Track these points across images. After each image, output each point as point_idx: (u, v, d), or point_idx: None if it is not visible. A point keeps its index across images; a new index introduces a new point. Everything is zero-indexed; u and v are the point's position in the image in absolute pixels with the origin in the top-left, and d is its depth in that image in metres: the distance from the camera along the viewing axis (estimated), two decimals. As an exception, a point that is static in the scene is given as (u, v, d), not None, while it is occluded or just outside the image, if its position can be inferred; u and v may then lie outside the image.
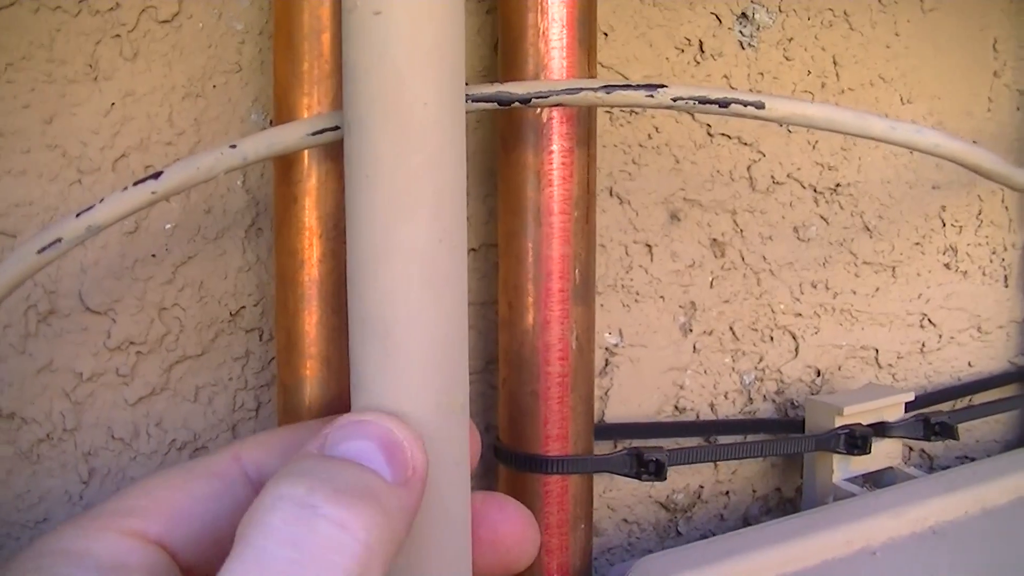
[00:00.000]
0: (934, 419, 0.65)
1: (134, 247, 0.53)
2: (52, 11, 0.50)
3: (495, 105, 0.47)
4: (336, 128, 0.45)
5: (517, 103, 0.47)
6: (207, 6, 0.53)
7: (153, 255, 0.53)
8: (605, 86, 0.47)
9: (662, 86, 0.48)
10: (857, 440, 0.63)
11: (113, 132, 0.52)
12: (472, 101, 0.46)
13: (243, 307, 0.55)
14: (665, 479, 0.56)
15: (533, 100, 0.47)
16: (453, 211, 0.39)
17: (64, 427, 0.53)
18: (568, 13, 0.52)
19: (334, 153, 0.48)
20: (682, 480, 0.67)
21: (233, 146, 0.44)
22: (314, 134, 0.45)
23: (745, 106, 0.48)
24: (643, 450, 0.56)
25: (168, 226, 0.53)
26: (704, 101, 0.48)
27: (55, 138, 0.51)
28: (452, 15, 0.39)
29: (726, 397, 0.68)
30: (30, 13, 0.50)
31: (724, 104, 0.48)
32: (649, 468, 0.56)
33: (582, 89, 0.47)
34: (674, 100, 0.48)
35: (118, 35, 0.52)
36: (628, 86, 0.47)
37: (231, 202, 0.54)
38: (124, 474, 0.55)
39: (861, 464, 0.65)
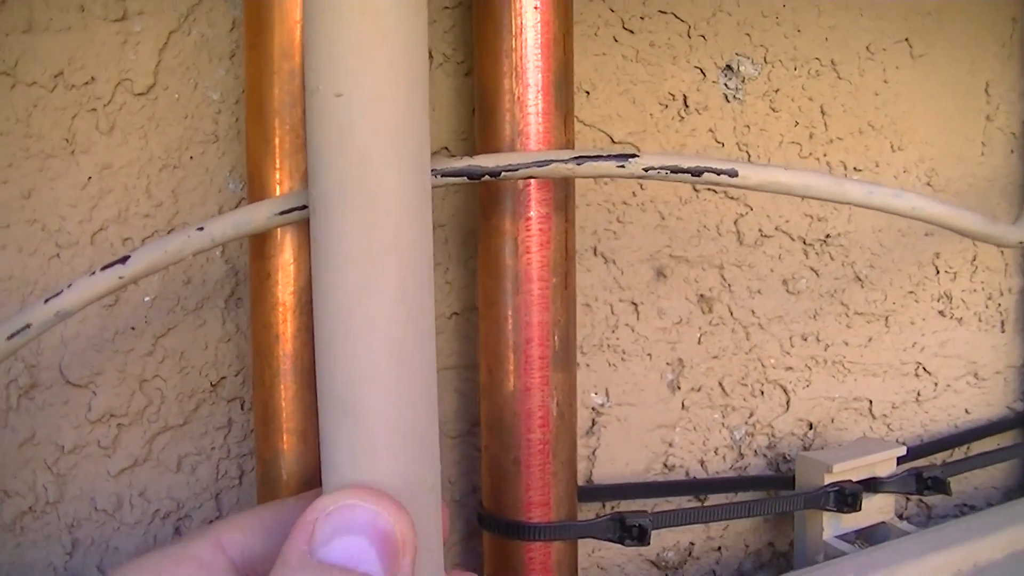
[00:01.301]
0: (926, 473, 0.64)
1: (114, 320, 0.53)
2: (28, 87, 0.51)
3: (464, 179, 0.47)
4: (304, 207, 0.45)
5: (487, 176, 0.47)
6: (183, 77, 0.53)
7: (133, 327, 0.53)
8: (576, 157, 0.47)
9: (634, 156, 0.47)
10: (847, 497, 0.62)
11: (91, 205, 0.52)
12: (441, 176, 0.46)
13: (224, 377, 0.55)
14: (649, 544, 0.56)
15: (503, 173, 0.47)
16: (419, 289, 0.39)
17: (47, 499, 0.53)
18: (544, 78, 0.52)
19: (307, 228, 0.48)
20: (672, 537, 0.66)
21: (200, 228, 0.44)
22: (281, 213, 0.45)
23: (719, 174, 0.48)
24: (626, 515, 0.56)
25: (147, 298, 0.54)
26: (676, 170, 0.48)
27: (34, 212, 0.51)
28: (415, 95, 0.39)
29: (716, 453, 0.67)
30: (6, 89, 0.50)
31: (697, 173, 0.48)
32: (632, 533, 0.56)
33: (552, 161, 0.47)
34: (646, 170, 0.48)
35: (94, 108, 0.52)
36: (599, 156, 0.47)
37: (210, 272, 0.54)
38: (108, 544, 0.55)
39: (853, 520, 0.65)
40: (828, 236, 0.68)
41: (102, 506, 0.54)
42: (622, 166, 0.47)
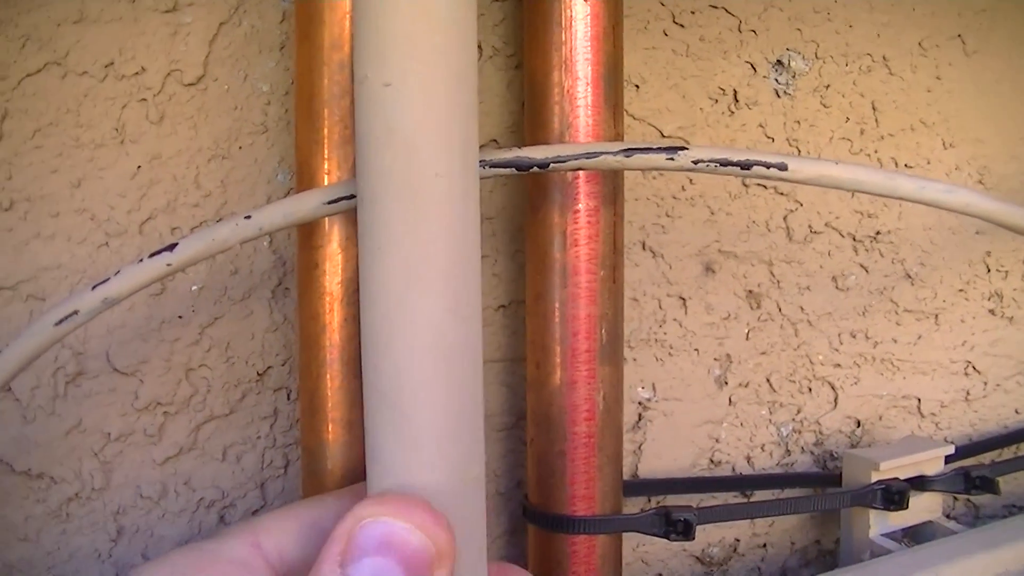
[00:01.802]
0: (974, 472, 0.64)
1: (160, 309, 0.53)
2: (79, 76, 0.51)
3: (513, 171, 0.46)
4: (352, 197, 0.45)
5: (535, 168, 0.46)
6: (232, 68, 0.53)
7: (180, 316, 0.54)
8: (625, 150, 0.47)
9: (683, 148, 0.47)
10: (894, 495, 0.61)
11: (140, 195, 0.52)
12: (489, 167, 0.46)
13: (270, 367, 0.56)
14: (694, 539, 0.55)
15: (552, 165, 0.46)
16: (466, 282, 0.39)
17: (93, 486, 0.54)
18: (593, 71, 0.51)
19: (354, 218, 0.48)
20: (718, 533, 0.66)
21: (248, 216, 0.44)
22: (330, 203, 0.45)
23: (768, 168, 0.47)
24: (671, 509, 0.56)
25: (194, 288, 0.54)
26: (726, 163, 0.47)
27: (83, 202, 0.52)
28: (464, 84, 0.39)
29: (763, 449, 0.67)
30: (57, 79, 0.50)
31: (746, 166, 0.47)
32: (677, 528, 0.55)
33: (601, 153, 0.47)
34: (695, 163, 0.47)
35: (144, 99, 0.52)
36: (648, 149, 0.47)
37: (258, 263, 0.55)
38: (153, 532, 0.55)
39: (900, 519, 0.64)
40: (878, 233, 0.67)
41: (147, 494, 0.54)
42: (671, 159, 0.47)
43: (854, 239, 0.67)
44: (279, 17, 0.54)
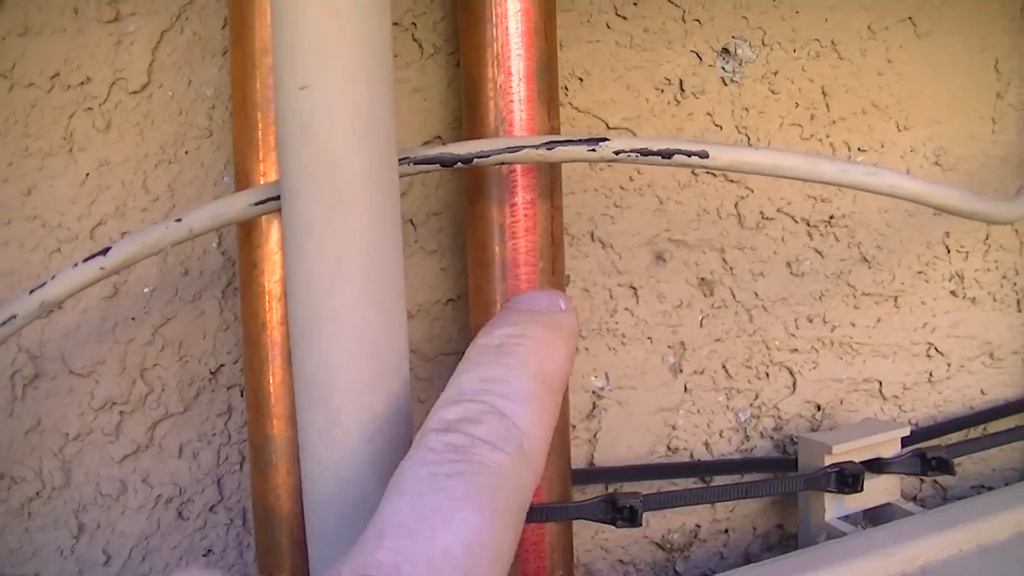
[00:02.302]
0: (931, 454, 0.64)
1: (114, 311, 0.55)
2: (26, 88, 0.52)
3: (437, 167, 0.48)
4: (278, 198, 0.46)
5: (459, 164, 0.48)
6: (177, 74, 0.55)
7: (133, 318, 0.55)
8: (547, 143, 0.48)
9: (604, 140, 0.48)
10: (848, 478, 0.62)
11: (90, 201, 0.54)
12: (413, 164, 0.47)
13: (223, 365, 0.57)
14: (640, 524, 0.56)
15: (475, 160, 0.48)
16: (387, 274, 0.40)
17: (54, 485, 0.55)
18: (526, 66, 0.52)
19: (289, 218, 0.49)
20: (677, 520, 0.67)
21: (179, 219, 0.46)
22: (257, 204, 0.46)
23: (689, 156, 0.48)
24: (617, 496, 0.56)
25: (147, 289, 0.55)
26: (646, 153, 0.48)
27: (34, 209, 0.53)
28: (378, 86, 0.40)
29: (721, 436, 0.67)
30: (5, 91, 0.52)
31: (667, 155, 0.48)
32: (624, 514, 0.56)
33: (524, 147, 0.48)
34: (616, 153, 0.48)
35: (91, 108, 0.53)
36: (569, 141, 0.48)
37: (208, 263, 0.56)
38: (114, 528, 0.56)
39: (857, 501, 0.64)
40: (832, 217, 0.68)
41: (107, 491, 0.56)
42: (593, 150, 0.48)
43: (808, 224, 0.67)
44: (221, 23, 0.55)
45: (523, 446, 0.35)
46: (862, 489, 0.62)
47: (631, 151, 0.48)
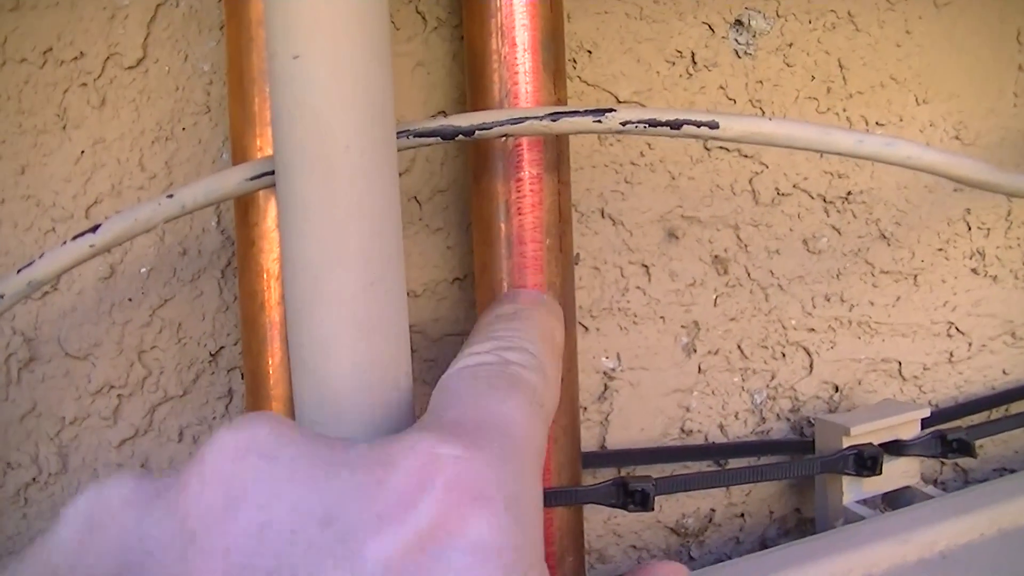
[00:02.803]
0: (951, 436, 0.62)
1: (110, 292, 0.53)
2: (18, 64, 0.51)
3: (438, 140, 0.46)
4: (273, 172, 0.44)
5: (461, 136, 0.46)
6: (172, 49, 0.53)
7: (130, 299, 0.54)
8: (551, 114, 0.46)
9: (611, 110, 0.46)
10: (866, 461, 0.60)
11: (85, 179, 0.53)
12: (413, 136, 0.46)
13: (223, 347, 0.56)
14: (652, 509, 0.54)
15: (477, 132, 0.46)
16: (385, 254, 0.39)
17: (50, 470, 0.54)
18: (531, 37, 0.51)
19: (287, 194, 0.48)
20: (692, 504, 0.65)
21: (170, 195, 0.44)
22: (252, 179, 0.45)
23: (699, 127, 0.47)
24: (628, 479, 0.55)
25: (144, 270, 0.54)
26: (654, 124, 0.47)
27: (28, 188, 0.52)
28: (374, 55, 0.38)
29: (736, 417, 0.66)
30: (-4, 67, 0.51)
31: (676, 126, 0.47)
32: (635, 498, 0.55)
33: (527, 118, 0.46)
34: (623, 124, 0.46)
35: (85, 83, 0.52)
36: (575, 112, 0.46)
37: (206, 243, 0.55)
38: (113, 515, 0.55)
39: (875, 485, 0.63)
40: (850, 193, 0.66)
41: (105, 476, 0.55)
42: (599, 121, 0.46)
43: (824, 200, 0.66)
44: (217, -4, 0.54)
45: (547, 375, 0.39)
46: (880, 472, 0.61)
47: (638, 122, 0.47)
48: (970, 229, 0.71)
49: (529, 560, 0.29)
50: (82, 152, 0.53)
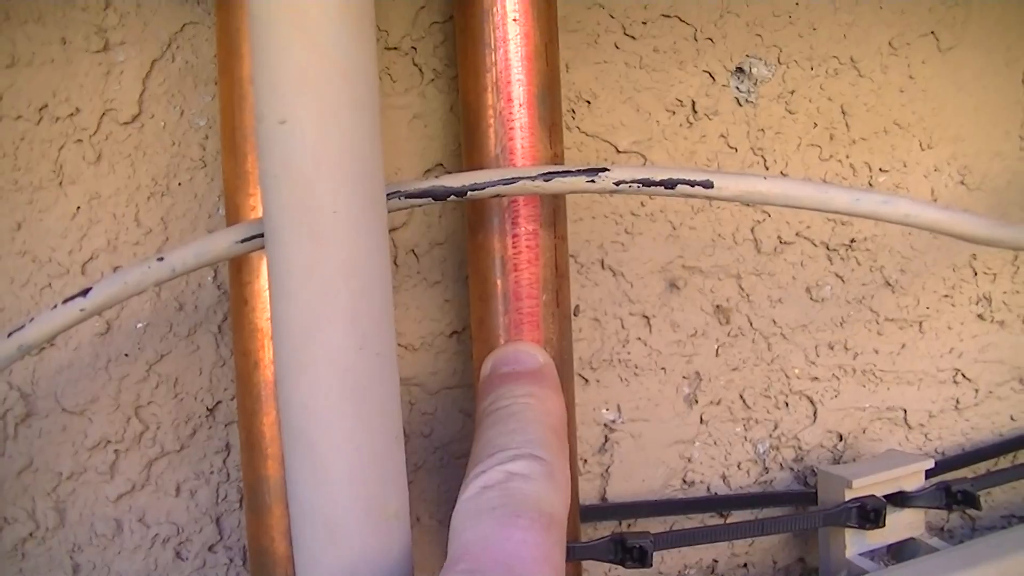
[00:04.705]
0: (956, 487, 0.61)
1: (107, 347, 0.53)
2: (14, 120, 0.51)
3: (429, 200, 0.46)
4: (263, 235, 0.44)
5: (452, 196, 0.46)
6: (168, 104, 0.53)
7: (126, 354, 0.54)
8: (543, 174, 0.46)
9: (604, 170, 0.46)
10: (869, 513, 0.59)
11: (81, 235, 0.53)
12: (404, 198, 0.46)
13: (220, 401, 0.56)
14: (651, 565, 0.54)
15: (469, 193, 0.46)
16: (374, 316, 0.39)
17: (47, 525, 0.54)
18: (527, 91, 0.50)
19: (280, 253, 0.48)
20: (694, 555, 0.65)
21: (161, 258, 0.44)
22: (242, 241, 0.45)
23: (693, 186, 0.46)
24: (627, 535, 0.55)
25: (140, 325, 0.54)
26: (648, 183, 0.46)
27: (24, 244, 0.52)
28: (364, 119, 0.38)
29: (739, 467, 0.65)
30: (-8, 124, 0.51)
31: (670, 185, 0.46)
32: (633, 555, 0.54)
33: (520, 178, 0.46)
34: (617, 184, 0.46)
35: (80, 139, 0.52)
36: (567, 172, 0.46)
37: (202, 298, 0.55)
38: (110, 569, 0.55)
39: (879, 536, 0.62)
40: (853, 241, 0.66)
41: (102, 531, 0.55)
42: (592, 181, 0.46)
43: (828, 248, 0.65)
44: (213, 51, 0.53)
45: (555, 478, 0.40)
46: (884, 524, 0.60)
47: (632, 181, 0.46)
48: (976, 274, 0.70)
49: None
50: (78, 208, 0.53)
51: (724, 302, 0.63)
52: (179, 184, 0.54)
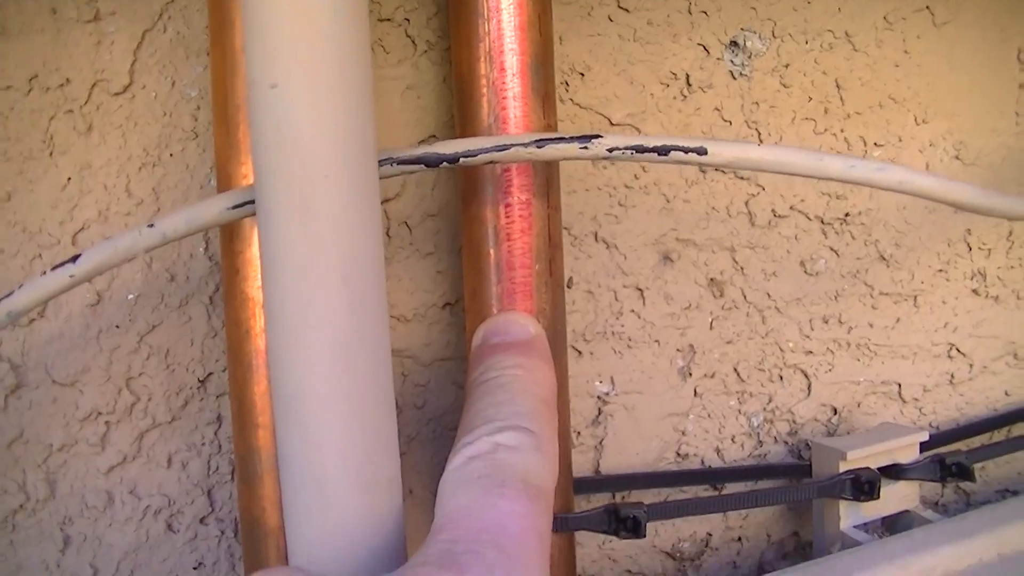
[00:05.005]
0: (950, 459, 0.61)
1: (98, 318, 0.53)
2: (4, 91, 0.51)
3: (422, 167, 0.46)
4: (253, 202, 0.44)
5: (445, 164, 0.46)
6: (159, 75, 0.53)
7: (117, 325, 0.54)
8: (536, 140, 0.46)
9: (597, 136, 0.46)
10: (863, 485, 0.59)
11: (71, 206, 0.52)
12: (396, 164, 0.45)
13: (211, 373, 0.55)
14: (644, 536, 0.54)
15: (461, 160, 0.46)
16: (365, 280, 0.39)
17: (38, 497, 0.54)
18: (520, 61, 0.50)
19: (271, 222, 0.48)
20: (688, 528, 0.65)
21: (151, 225, 0.44)
22: (233, 208, 0.44)
23: (686, 152, 0.46)
24: (620, 506, 0.55)
25: (131, 296, 0.54)
26: (641, 150, 0.46)
27: (15, 215, 0.52)
28: (354, 84, 0.38)
29: (733, 441, 0.65)
30: (-19, 94, 0.51)
31: (663, 152, 0.46)
32: (627, 525, 0.54)
33: (512, 145, 0.46)
34: (610, 150, 0.46)
35: (71, 110, 0.52)
36: (560, 139, 0.46)
37: (194, 269, 0.54)
38: (101, 541, 0.55)
39: (873, 509, 0.62)
40: (848, 215, 0.65)
41: (93, 503, 0.54)
42: (585, 147, 0.46)
43: (822, 222, 0.65)
44: (205, 22, 0.53)
45: (543, 449, 0.40)
46: (878, 496, 0.60)
47: (625, 148, 0.46)
48: (971, 249, 0.70)
49: None
50: (69, 179, 0.52)
51: (718, 275, 0.63)
52: (170, 155, 0.54)
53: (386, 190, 0.56)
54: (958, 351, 0.71)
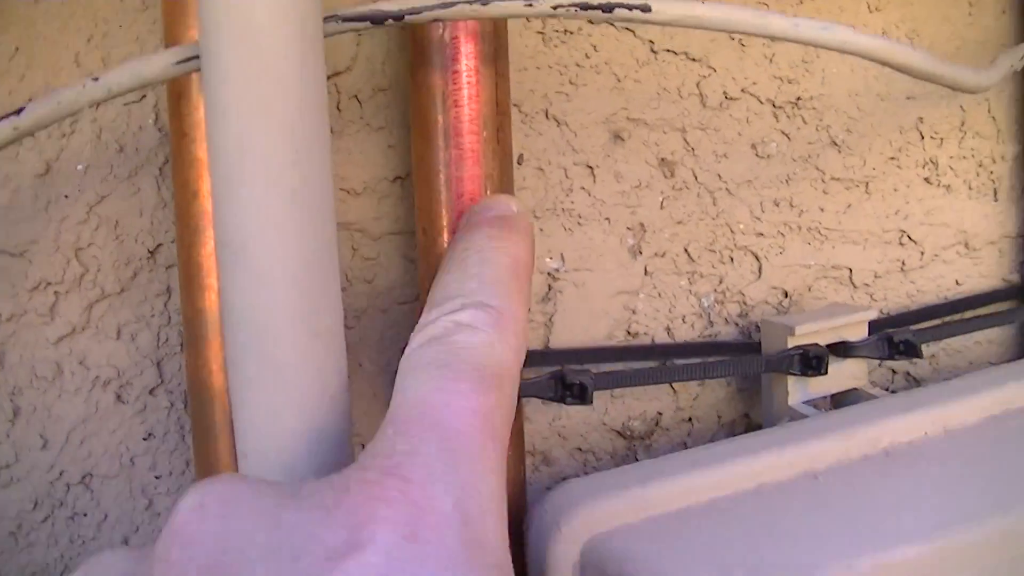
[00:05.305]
0: (897, 337, 0.62)
1: (46, 188, 0.53)
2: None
3: (368, 24, 0.46)
4: (199, 57, 0.44)
5: (390, 21, 0.46)
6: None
7: (66, 196, 0.54)
8: (480, -3, 0.46)
9: (540, -7, 0.46)
10: (811, 361, 0.60)
11: (19, 77, 0.52)
12: (342, 21, 0.45)
13: (160, 244, 0.55)
14: (591, 403, 0.55)
15: (407, 17, 0.45)
16: (309, 131, 0.39)
17: (-13, 368, 0.54)
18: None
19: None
20: (638, 407, 0.65)
21: (96, 78, 0.44)
22: (179, 63, 0.44)
23: (631, 10, 0.46)
24: (567, 372, 0.55)
25: (80, 166, 0.54)
26: (586, 7, 0.46)
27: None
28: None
29: (684, 321, 0.66)
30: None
31: (608, 9, 0.46)
32: (573, 391, 0.55)
33: (457, 2, 0.46)
34: (554, 8, 0.46)
35: (16, -20, 0.52)
36: (505, -4, 0.46)
37: (144, 140, 0.54)
38: (50, 412, 0.55)
39: (821, 386, 0.63)
40: (799, 99, 0.66)
41: (42, 374, 0.55)
42: (530, 5, 0.46)
43: (774, 105, 0.65)
44: None
45: (504, 327, 0.39)
46: (826, 372, 0.61)
47: (570, 5, 0.46)
48: (923, 138, 0.70)
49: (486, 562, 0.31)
50: (16, 49, 0.52)
51: (669, 155, 0.63)
52: (119, 27, 0.53)
53: (336, 63, 0.56)
54: (909, 238, 0.71)
